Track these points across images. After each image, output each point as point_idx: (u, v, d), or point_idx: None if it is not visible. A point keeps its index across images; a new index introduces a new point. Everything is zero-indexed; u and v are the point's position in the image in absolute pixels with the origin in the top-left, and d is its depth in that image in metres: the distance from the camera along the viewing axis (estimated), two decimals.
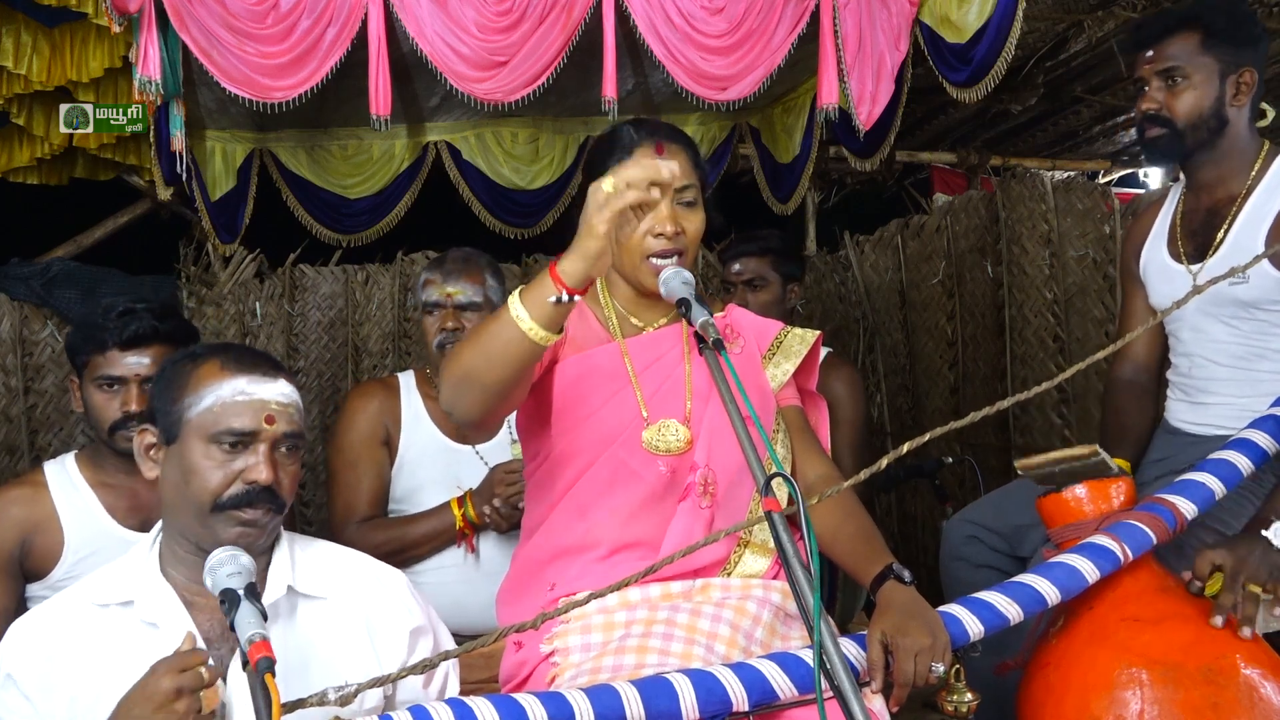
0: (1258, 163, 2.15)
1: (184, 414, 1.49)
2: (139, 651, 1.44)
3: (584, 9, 2.58)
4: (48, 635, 1.48)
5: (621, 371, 1.75)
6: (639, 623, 1.62)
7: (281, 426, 1.50)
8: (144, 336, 2.05)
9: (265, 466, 1.47)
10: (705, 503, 1.70)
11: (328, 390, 3.96)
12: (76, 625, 1.49)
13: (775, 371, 1.84)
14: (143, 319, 2.05)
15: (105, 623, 1.49)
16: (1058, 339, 3.70)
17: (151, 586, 1.50)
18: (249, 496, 1.47)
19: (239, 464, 1.47)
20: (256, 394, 1.50)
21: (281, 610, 1.52)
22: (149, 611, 1.48)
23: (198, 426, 1.48)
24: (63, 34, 3.06)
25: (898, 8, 2.83)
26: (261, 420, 1.49)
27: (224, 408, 1.48)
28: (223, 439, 1.47)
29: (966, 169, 5.24)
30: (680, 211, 1.73)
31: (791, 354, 1.86)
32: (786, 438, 1.81)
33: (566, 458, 1.73)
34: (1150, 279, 2.29)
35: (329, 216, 3.64)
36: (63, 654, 1.46)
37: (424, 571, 2.35)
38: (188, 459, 1.48)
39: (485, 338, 1.51)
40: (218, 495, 1.46)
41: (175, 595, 1.50)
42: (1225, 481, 1.88)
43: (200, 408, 1.48)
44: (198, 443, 1.47)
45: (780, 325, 1.90)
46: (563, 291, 1.43)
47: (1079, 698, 1.70)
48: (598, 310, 1.83)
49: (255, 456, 1.48)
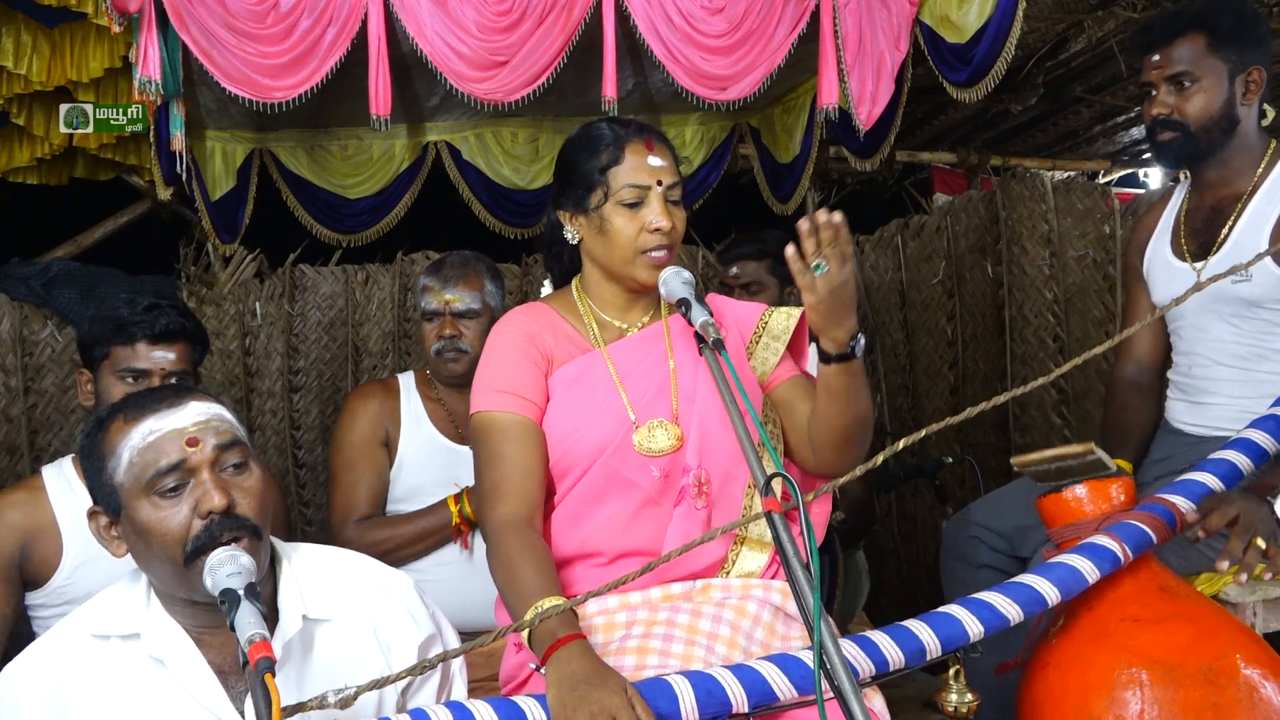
0: (1263, 161, 2.15)
1: (112, 481, 1.40)
2: (148, 687, 1.40)
3: (584, 9, 2.58)
4: (49, 673, 1.41)
5: (606, 378, 1.74)
6: (639, 624, 1.62)
7: (209, 442, 1.40)
8: (173, 332, 2.06)
9: (214, 491, 1.37)
10: (700, 504, 1.70)
11: (328, 390, 3.96)
12: (78, 660, 1.42)
13: (765, 354, 1.83)
14: (170, 314, 2.06)
15: (108, 657, 1.42)
16: (1058, 339, 3.70)
17: (156, 621, 1.43)
18: (211, 532, 1.36)
19: (189, 502, 1.38)
20: (165, 427, 1.40)
21: (297, 645, 1.44)
22: (156, 647, 1.41)
23: (131, 486, 1.39)
24: (63, 34, 3.06)
25: (898, 8, 2.83)
26: (183, 446, 1.39)
27: (141, 454, 1.38)
28: (157, 484, 1.37)
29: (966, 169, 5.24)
30: (671, 208, 1.74)
31: (779, 333, 1.84)
32: (778, 427, 1.81)
33: (560, 470, 1.72)
34: (1154, 278, 2.28)
35: (329, 216, 3.64)
36: (68, 692, 1.39)
37: (423, 569, 2.35)
38: (139, 522, 1.38)
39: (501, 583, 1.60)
40: (183, 543, 1.36)
41: (182, 631, 1.43)
42: (1225, 481, 1.88)
43: (122, 468, 1.39)
44: (139, 501, 1.38)
45: (762, 308, 1.89)
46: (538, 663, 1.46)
47: (1079, 698, 1.70)
48: (575, 321, 1.82)
49: (200, 487, 1.38)
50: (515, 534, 1.61)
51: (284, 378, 3.92)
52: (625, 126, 1.78)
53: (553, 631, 1.42)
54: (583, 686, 1.34)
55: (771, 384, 1.82)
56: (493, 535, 1.64)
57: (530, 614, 1.46)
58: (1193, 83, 2.11)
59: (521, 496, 1.66)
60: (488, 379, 1.75)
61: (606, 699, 1.32)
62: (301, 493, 3.93)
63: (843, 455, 1.72)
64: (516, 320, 1.81)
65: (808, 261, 1.50)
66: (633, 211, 1.72)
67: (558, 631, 1.42)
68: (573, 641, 1.41)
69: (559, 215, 1.82)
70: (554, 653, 1.40)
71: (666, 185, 1.73)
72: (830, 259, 1.48)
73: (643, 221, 1.71)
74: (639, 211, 1.72)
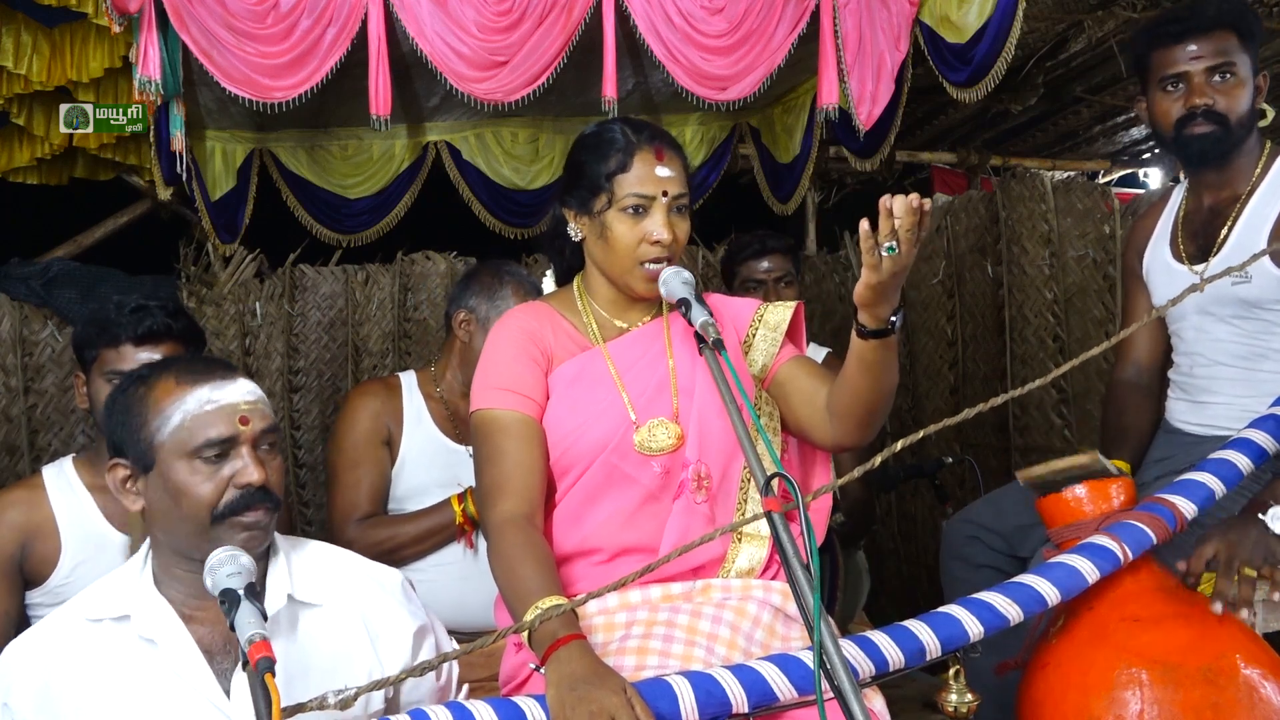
0: (1260, 163, 2.15)
1: (154, 438, 1.45)
2: (137, 668, 1.43)
3: (584, 9, 2.58)
4: (42, 657, 1.45)
5: (606, 376, 1.74)
6: (639, 624, 1.62)
7: (257, 424, 1.48)
8: (158, 333, 2.06)
9: (254, 468, 1.45)
10: (700, 498, 1.70)
11: (328, 390, 3.96)
12: (70, 644, 1.46)
13: (765, 344, 1.83)
14: (156, 315, 2.06)
15: (100, 640, 1.46)
16: (1058, 339, 3.70)
17: (147, 601, 1.48)
18: (245, 500, 1.45)
19: (226, 471, 1.45)
20: (224, 399, 1.47)
21: (282, 621, 1.49)
22: (146, 627, 1.45)
23: (174, 447, 1.44)
24: (63, 34, 3.06)
25: (898, 8, 2.83)
26: (236, 423, 1.46)
27: (195, 420, 1.44)
28: (204, 452, 1.44)
29: (966, 169, 5.24)
30: (674, 219, 1.73)
31: (776, 325, 1.83)
32: (774, 421, 1.81)
33: (560, 468, 1.72)
34: (1153, 280, 2.29)
35: (329, 216, 3.64)
36: (59, 676, 1.44)
37: (424, 569, 2.35)
38: (173, 480, 1.44)
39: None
40: (214, 506, 1.44)
41: (172, 610, 1.47)
42: (1225, 481, 1.88)
43: (170, 427, 1.44)
44: (179, 462, 1.44)
45: (756, 303, 1.89)
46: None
47: (1079, 698, 1.70)
48: (576, 318, 1.82)
49: (241, 460, 1.46)
50: (516, 531, 1.61)
51: (284, 378, 3.92)
52: (639, 132, 1.76)
53: (553, 631, 1.42)
54: (582, 687, 1.34)
55: (775, 367, 1.82)
56: (494, 533, 1.64)
57: (530, 613, 1.46)
58: (1232, 75, 2.09)
59: (522, 494, 1.66)
60: (488, 376, 1.75)
61: (606, 699, 1.32)
62: (301, 493, 3.92)
63: (864, 427, 1.70)
64: (517, 318, 1.81)
65: (879, 240, 1.47)
66: (635, 220, 1.71)
67: (558, 631, 1.42)
68: (572, 642, 1.41)
69: (564, 212, 1.82)
70: (554, 652, 1.40)
71: (672, 196, 1.72)
72: (904, 242, 1.46)
73: (644, 232, 1.71)
74: (641, 221, 1.71)
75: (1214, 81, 2.09)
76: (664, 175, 1.72)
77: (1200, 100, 2.09)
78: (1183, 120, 2.12)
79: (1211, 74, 2.09)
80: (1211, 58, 2.09)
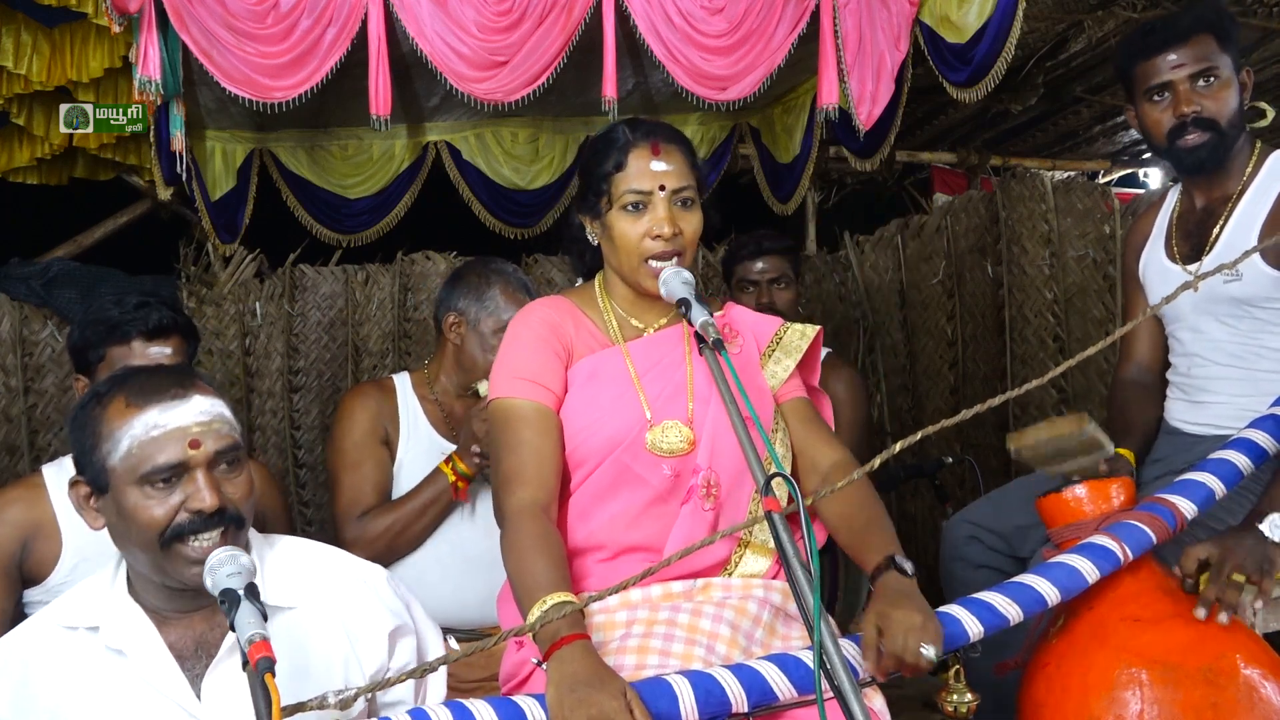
0: (1251, 162, 2.15)
1: (105, 462, 1.40)
2: (108, 677, 1.42)
3: (584, 9, 2.58)
4: (20, 659, 1.45)
5: (624, 375, 1.74)
6: (640, 623, 1.62)
7: (210, 446, 1.41)
8: (166, 327, 2.06)
9: (207, 493, 1.39)
10: (708, 505, 1.70)
11: (328, 390, 3.96)
12: (47, 649, 1.45)
13: (776, 369, 1.83)
14: (160, 310, 2.06)
15: (73, 647, 1.45)
16: (1058, 339, 3.70)
17: (118, 610, 1.45)
18: (194, 525, 1.39)
19: (177, 497, 1.39)
20: (171, 423, 1.40)
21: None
22: (115, 638, 1.44)
23: (124, 473, 1.39)
24: (63, 34, 3.07)
25: (898, 8, 2.83)
26: (186, 448, 1.39)
27: (143, 447, 1.38)
28: (153, 478, 1.38)
29: (966, 169, 5.25)
30: (678, 212, 1.72)
31: (792, 350, 1.84)
32: (786, 436, 1.81)
33: (573, 462, 1.73)
34: (1149, 280, 2.29)
35: (329, 216, 3.64)
36: (36, 678, 1.43)
37: (423, 567, 2.34)
38: (124, 505, 1.39)
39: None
40: (163, 529, 1.38)
41: (144, 615, 1.45)
42: (1225, 481, 1.88)
43: (119, 453, 1.39)
44: (128, 488, 1.39)
45: (779, 321, 1.90)
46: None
47: (1079, 698, 1.70)
48: (597, 316, 1.82)
49: (193, 484, 1.39)
50: (532, 522, 1.60)
51: (284, 378, 3.92)
52: (636, 130, 1.76)
53: (557, 629, 1.43)
54: (582, 688, 1.34)
55: (778, 398, 1.82)
56: (509, 521, 1.63)
57: (536, 609, 1.46)
58: (1216, 78, 2.09)
59: (539, 483, 1.66)
60: (509, 366, 1.75)
61: (605, 703, 1.32)
62: (301, 493, 3.93)
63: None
64: (539, 310, 1.81)
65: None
66: (635, 216, 1.71)
67: (562, 630, 1.42)
68: (576, 641, 1.41)
69: (580, 219, 1.83)
70: (556, 651, 1.40)
71: (671, 189, 1.71)
72: (931, 657, 1.46)
73: (645, 227, 1.71)
74: (642, 217, 1.71)
75: (1199, 87, 2.10)
76: (659, 169, 1.71)
77: (1188, 108, 2.10)
78: (1174, 131, 2.12)
79: (1195, 80, 2.10)
80: (1193, 64, 2.09)
